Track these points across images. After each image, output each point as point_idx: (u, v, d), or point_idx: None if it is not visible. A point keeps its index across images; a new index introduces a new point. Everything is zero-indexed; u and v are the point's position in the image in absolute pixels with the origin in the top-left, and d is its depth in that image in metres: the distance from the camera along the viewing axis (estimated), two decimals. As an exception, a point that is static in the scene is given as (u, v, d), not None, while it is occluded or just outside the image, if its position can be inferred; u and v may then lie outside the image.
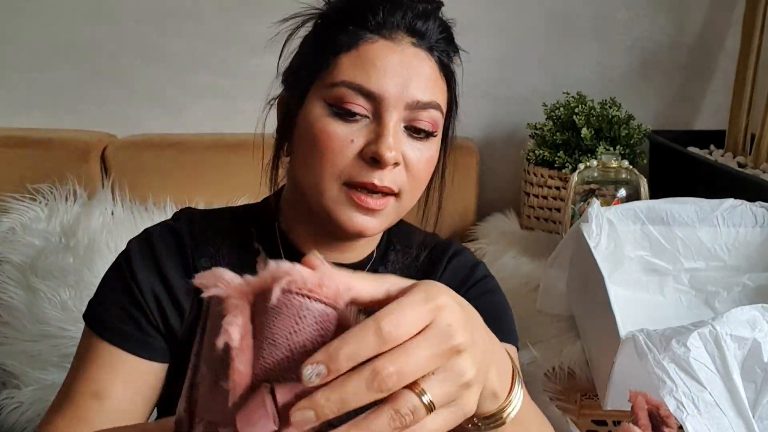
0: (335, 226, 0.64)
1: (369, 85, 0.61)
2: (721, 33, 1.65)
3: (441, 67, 0.67)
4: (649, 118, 1.63)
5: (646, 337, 0.79)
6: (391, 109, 0.62)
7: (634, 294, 1.15)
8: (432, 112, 0.64)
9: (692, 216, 1.11)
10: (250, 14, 1.61)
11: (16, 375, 1.29)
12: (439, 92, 0.66)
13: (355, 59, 0.62)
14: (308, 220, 0.69)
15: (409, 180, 0.64)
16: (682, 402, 0.73)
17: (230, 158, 1.60)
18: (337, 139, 0.61)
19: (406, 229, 0.79)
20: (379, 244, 0.76)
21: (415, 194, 0.67)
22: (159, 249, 0.70)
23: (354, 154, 0.62)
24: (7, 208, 1.54)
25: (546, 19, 1.65)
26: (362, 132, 0.62)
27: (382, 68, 0.62)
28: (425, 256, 0.77)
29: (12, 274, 1.41)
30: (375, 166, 0.61)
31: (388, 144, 0.61)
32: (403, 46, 0.64)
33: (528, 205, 1.57)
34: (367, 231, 0.64)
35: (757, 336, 0.77)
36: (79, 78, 1.71)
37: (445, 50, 0.68)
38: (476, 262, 0.79)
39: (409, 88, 0.62)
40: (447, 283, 0.73)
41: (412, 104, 0.63)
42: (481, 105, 1.70)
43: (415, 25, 0.64)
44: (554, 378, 1.09)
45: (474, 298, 0.72)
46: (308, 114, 0.64)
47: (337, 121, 0.62)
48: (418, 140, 0.65)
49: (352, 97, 0.61)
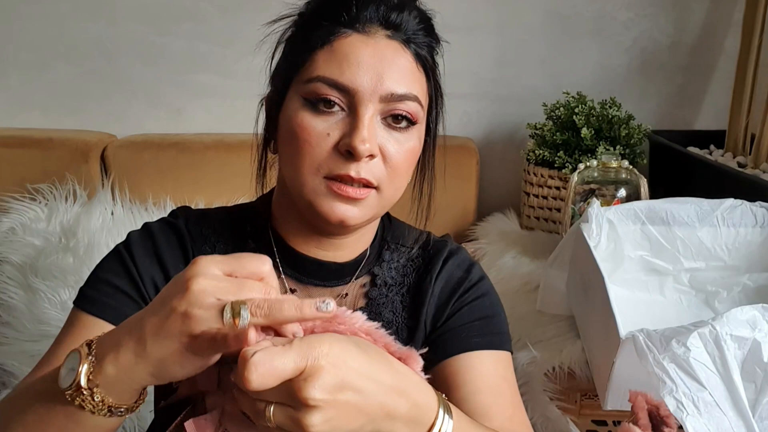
0: (319, 218, 0.65)
1: (342, 79, 0.62)
2: (721, 33, 1.65)
3: (418, 59, 0.66)
4: (649, 118, 1.63)
5: (646, 337, 0.79)
6: (365, 102, 0.62)
7: (634, 294, 1.15)
8: (409, 103, 0.64)
9: (692, 216, 1.11)
10: (250, 14, 1.61)
11: (16, 375, 1.29)
12: (416, 84, 0.65)
13: (329, 54, 0.63)
14: (298, 217, 0.69)
15: (388, 172, 0.65)
16: (682, 402, 0.73)
17: (230, 158, 1.60)
18: (314, 133, 0.63)
19: (399, 226, 0.79)
20: (373, 242, 0.76)
21: (396, 186, 0.67)
22: (160, 240, 0.71)
23: (330, 147, 0.63)
24: (7, 208, 1.54)
25: (546, 19, 1.65)
26: (338, 125, 0.63)
27: (355, 62, 0.62)
28: (421, 255, 0.77)
29: (12, 274, 1.41)
30: (350, 158, 0.62)
31: (362, 137, 0.61)
32: (377, 39, 0.64)
33: (528, 205, 1.57)
34: (349, 219, 0.64)
35: (757, 336, 0.77)
36: (79, 78, 1.71)
37: (424, 41, 0.67)
38: (472, 263, 0.78)
39: (383, 80, 0.63)
40: (442, 284, 0.75)
41: (386, 97, 0.63)
42: (481, 105, 1.70)
43: (389, 18, 0.64)
44: (554, 378, 1.09)
45: (468, 303, 0.74)
46: (288, 110, 0.65)
47: (314, 116, 0.63)
48: (397, 131, 0.65)
49: (328, 91, 0.62)
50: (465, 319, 0.73)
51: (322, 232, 0.70)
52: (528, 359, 1.11)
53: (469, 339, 0.71)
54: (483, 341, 0.71)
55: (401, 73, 0.64)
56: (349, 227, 0.66)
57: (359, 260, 0.74)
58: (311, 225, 0.69)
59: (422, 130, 0.69)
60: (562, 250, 1.18)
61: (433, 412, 0.51)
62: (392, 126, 0.65)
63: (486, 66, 1.67)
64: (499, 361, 0.71)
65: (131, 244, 0.71)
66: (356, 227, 0.68)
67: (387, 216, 0.80)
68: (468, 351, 0.70)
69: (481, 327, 0.73)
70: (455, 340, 0.70)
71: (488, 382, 0.68)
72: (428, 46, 0.68)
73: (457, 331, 0.72)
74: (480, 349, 0.70)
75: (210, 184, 1.60)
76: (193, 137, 1.67)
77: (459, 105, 1.69)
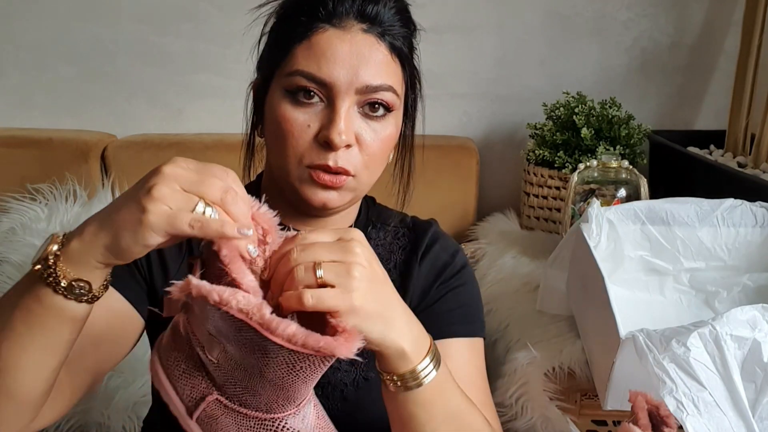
0: (302, 202, 0.70)
1: (320, 74, 0.65)
2: (721, 33, 1.65)
3: (393, 50, 0.69)
4: (649, 118, 1.63)
5: (646, 337, 0.79)
6: (342, 95, 0.66)
7: (634, 294, 1.15)
8: (384, 93, 0.68)
9: (692, 216, 1.11)
10: (250, 14, 1.61)
11: (16, 375, 1.29)
12: (391, 74, 0.69)
13: (307, 49, 0.67)
14: (283, 199, 0.73)
15: (365, 159, 0.69)
16: (682, 402, 0.73)
17: (230, 158, 1.57)
18: (296, 125, 0.67)
19: (380, 208, 0.84)
20: (357, 221, 0.80)
21: (371, 171, 0.71)
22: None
23: (311, 138, 0.67)
24: (7, 208, 1.54)
25: (546, 18, 1.65)
26: (318, 117, 0.67)
27: (332, 57, 0.66)
28: (407, 235, 0.81)
29: (12, 274, 1.41)
30: (328, 148, 0.66)
31: (338, 129, 0.65)
32: (353, 33, 0.67)
33: (528, 205, 1.57)
34: (330, 203, 0.69)
35: (757, 336, 0.77)
36: (79, 78, 1.71)
37: (400, 32, 0.70)
38: (456, 249, 0.82)
39: (359, 74, 0.66)
40: (429, 266, 0.80)
41: (362, 89, 0.66)
42: (481, 105, 1.70)
43: (364, 11, 0.67)
44: (554, 378, 1.09)
45: (452, 289, 0.78)
46: (272, 100, 0.69)
47: (295, 108, 0.67)
48: (374, 120, 0.69)
49: (307, 83, 0.66)
50: (448, 305, 0.77)
51: (308, 213, 0.74)
52: (528, 359, 1.11)
53: (450, 326, 0.75)
54: (462, 329, 0.76)
55: (377, 67, 0.67)
56: (330, 209, 0.71)
57: None
58: (297, 207, 0.73)
59: (399, 116, 0.72)
60: (562, 250, 1.18)
61: (427, 345, 0.58)
62: (369, 115, 0.68)
63: (486, 66, 1.67)
64: (473, 349, 0.76)
65: None
66: (338, 209, 0.73)
67: (371, 199, 0.84)
68: (447, 338, 0.74)
69: (461, 315, 0.77)
70: (437, 324, 0.73)
71: (464, 371, 0.72)
72: (404, 36, 0.70)
73: (440, 316, 0.76)
74: (459, 337, 0.75)
75: (210, 184, 1.60)
76: (193, 137, 1.67)
77: (459, 105, 1.69)
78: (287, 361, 0.48)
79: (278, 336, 0.46)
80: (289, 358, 0.48)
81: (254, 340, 0.48)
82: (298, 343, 0.46)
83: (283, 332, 0.46)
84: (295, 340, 0.46)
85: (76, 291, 0.51)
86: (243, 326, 0.47)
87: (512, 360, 1.12)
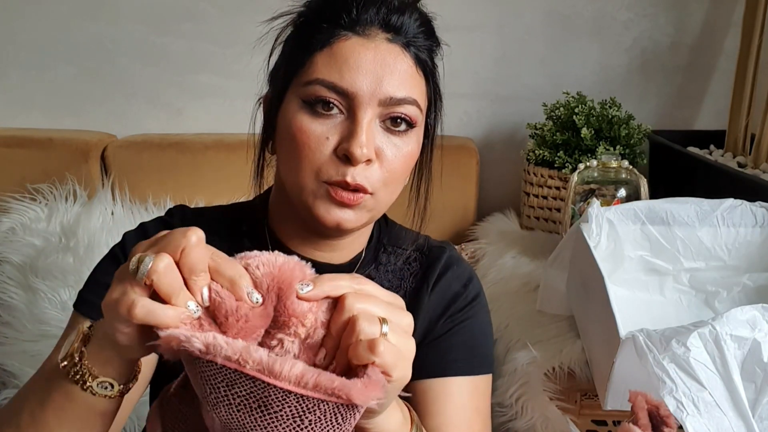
0: (315, 221, 0.65)
1: (342, 83, 0.62)
2: (721, 33, 1.65)
3: (418, 62, 0.66)
4: (649, 118, 1.63)
5: (646, 337, 0.79)
6: (364, 106, 0.62)
7: (634, 294, 1.15)
8: (407, 107, 0.64)
9: (692, 216, 1.11)
10: (250, 14, 1.61)
11: (16, 375, 1.29)
12: (416, 88, 0.65)
13: (329, 57, 0.63)
14: (294, 217, 0.69)
15: (384, 176, 0.64)
16: (682, 402, 0.73)
17: (230, 158, 1.60)
18: (314, 137, 0.62)
19: (396, 229, 0.79)
20: (369, 244, 0.75)
21: (391, 190, 0.67)
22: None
23: (330, 151, 0.62)
24: (7, 208, 1.54)
25: (546, 18, 1.65)
26: (337, 129, 0.62)
27: (354, 66, 0.62)
28: (419, 260, 0.76)
29: (12, 274, 1.41)
30: (348, 163, 0.62)
31: (360, 142, 0.61)
32: (377, 42, 0.63)
33: (528, 205, 1.57)
34: (345, 223, 0.64)
35: (757, 336, 0.77)
36: (79, 78, 1.71)
37: (424, 44, 0.67)
38: (470, 277, 0.77)
39: (383, 84, 0.62)
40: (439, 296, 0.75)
41: (385, 101, 0.62)
42: (481, 105, 1.70)
43: (389, 21, 0.64)
44: (554, 378, 1.09)
45: (459, 322, 0.74)
46: (287, 112, 0.65)
47: (313, 119, 0.63)
48: (396, 135, 0.64)
49: (326, 93, 0.62)
50: (453, 341, 0.73)
51: (318, 234, 0.69)
52: (528, 359, 1.11)
53: (453, 362, 0.71)
54: (465, 366, 0.72)
55: (401, 78, 0.63)
56: (345, 230, 0.66)
57: (354, 262, 0.74)
58: (308, 226, 0.68)
59: (420, 133, 0.68)
60: (562, 250, 1.18)
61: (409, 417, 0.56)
62: (391, 130, 0.64)
63: (486, 66, 1.67)
64: (476, 388, 0.72)
65: (126, 245, 0.72)
66: (352, 230, 0.67)
67: (384, 218, 0.79)
68: (448, 376, 0.70)
69: (466, 350, 0.73)
70: (439, 359, 0.70)
71: (462, 414, 0.69)
72: (428, 50, 0.67)
73: (443, 351, 0.72)
74: (461, 375, 0.71)
75: (210, 184, 1.60)
76: (193, 137, 1.67)
77: (459, 105, 1.69)
78: (294, 413, 0.39)
79: (284, 379, 0.38)
80: (297, 408, 0.39)
81: (251, 393, 0.39)
82: (309, 384, 0.39)
83: (289, 373, 0.39)
84: (305, 381, 0.39)
85: (104, 390, 0.49)
86: (235, 379, 0.39)
87: (512, 360, 1.12)
